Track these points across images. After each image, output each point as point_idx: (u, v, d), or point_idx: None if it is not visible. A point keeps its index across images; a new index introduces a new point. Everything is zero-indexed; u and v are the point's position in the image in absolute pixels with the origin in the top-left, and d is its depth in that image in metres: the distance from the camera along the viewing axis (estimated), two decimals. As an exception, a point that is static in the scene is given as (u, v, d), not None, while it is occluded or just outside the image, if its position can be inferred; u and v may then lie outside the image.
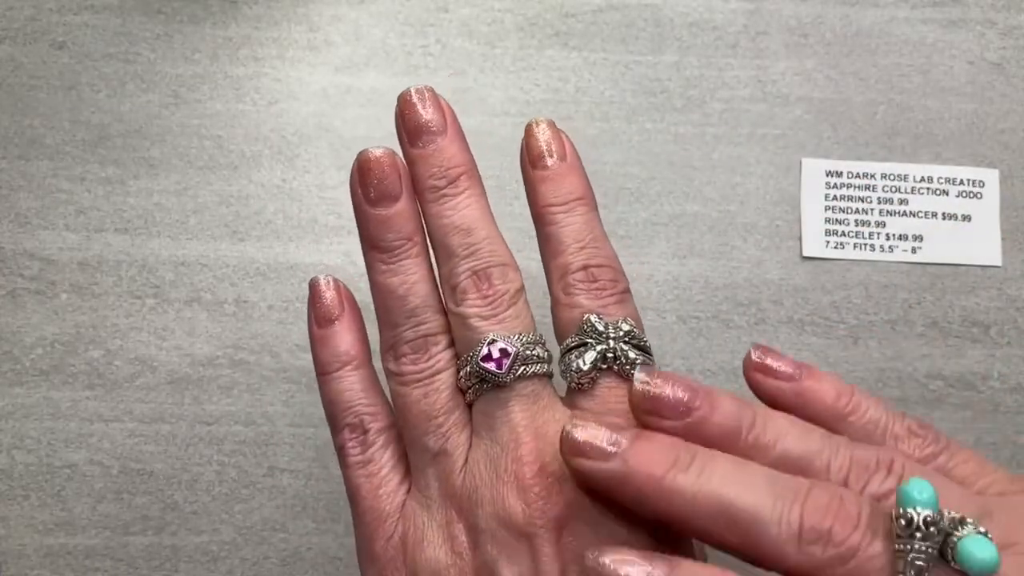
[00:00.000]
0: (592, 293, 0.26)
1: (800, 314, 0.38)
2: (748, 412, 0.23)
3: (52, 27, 0.39)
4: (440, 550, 0.25)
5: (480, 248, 0.26)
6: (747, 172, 0.39)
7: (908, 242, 0.38)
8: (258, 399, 0.37)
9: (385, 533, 0.26)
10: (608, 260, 0.27)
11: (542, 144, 0.28)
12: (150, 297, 0.37)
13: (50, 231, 0.38)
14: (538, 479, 0.24)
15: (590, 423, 0.23)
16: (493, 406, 0.25)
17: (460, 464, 0.25)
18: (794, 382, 0.26)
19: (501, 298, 0.26)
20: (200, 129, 0.39)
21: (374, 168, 0.27)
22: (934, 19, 0.40)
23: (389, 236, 0.27)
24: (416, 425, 0.26)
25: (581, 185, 0.27)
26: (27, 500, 0.36)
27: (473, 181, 0.27)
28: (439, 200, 0.27)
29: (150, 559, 0.35)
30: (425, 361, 0.26)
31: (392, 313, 0.27)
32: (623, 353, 0.25)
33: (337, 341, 0.28)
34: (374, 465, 0.27)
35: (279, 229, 0.38)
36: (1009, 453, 0.37)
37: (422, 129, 0.27)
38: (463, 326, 0.26)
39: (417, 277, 0.27)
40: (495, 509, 0.24)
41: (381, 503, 0.26)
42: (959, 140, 0.39)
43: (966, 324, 0.38)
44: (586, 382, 0.25)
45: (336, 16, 0.40)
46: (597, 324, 0.26)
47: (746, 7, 0.40)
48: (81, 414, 0.36)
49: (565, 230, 0.27)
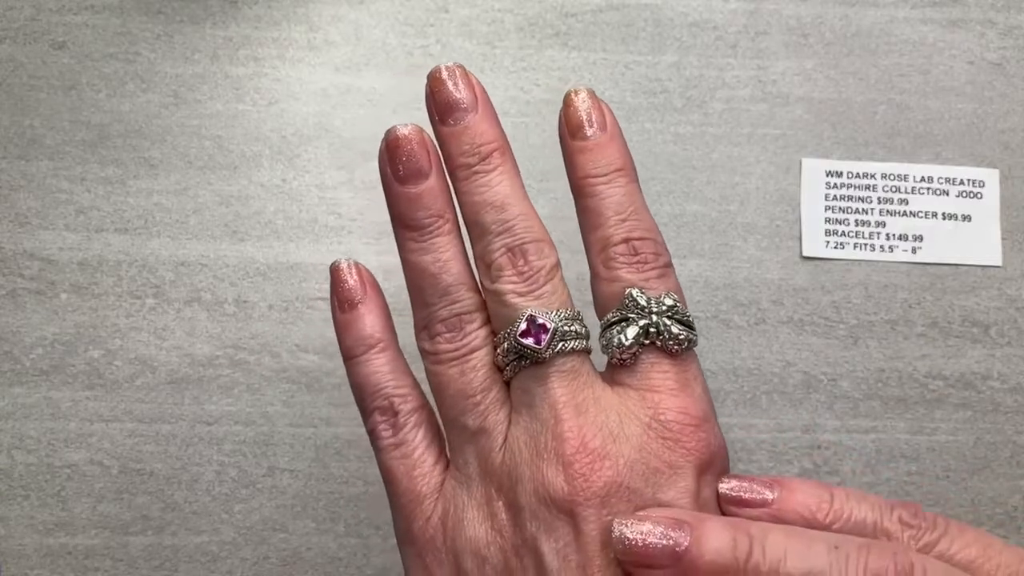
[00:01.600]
0: (634, 267, 0.26)
1: (800, 314, 0.38)
2: (742, 538, 0.22)
3: (52, 27, 0.39)
4: (480, 528, 0.25)
5: (515, 224, 0.26)
6: (747, 172, 0.39)
7: (908, 242, 0.38)
8: (258, 399, 0.37)
9: (423, 514, 0.26)
10: (650, 232, 0.26)
11: (582, 114, 0.27)
12: (150, 297, 0.37)
13: (50, 231, 0.38)
14: (579, 455, 0.24)
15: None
16: (532, 383, 0.25)
17: (499, 442, 0.25)
18: (769, 506, 0.25)
19: (537, 274, 0.26)
20: (200, 129, 0.39)
21: (403, 145, 0.26)
22: (934, 19, 0.40)
23: (420, 214, 0.26)
24: (454, 404, 0.26)
25: (622, 156, 0.27)
26: (27, 500, 0.36)
27: (506, 157, 0.27)
28: (471, 177, 0.26)
29: (150, 559, 0.35)
30: (460, 339, 0.26)
31: (425, 292, 0.26)
32: (666, 328, 0.25)
33: (362, 325, 0.27)
34: (407, 447, 0.26)
35: (279, 229, 0.38)
36: (1009, 453, 0.37)
37: (453, 107, 0.26)
38: (499, 303, 0.26)
39: (450, 255, 0.26)
40: (535, 486, 0.24)
41: (416, 484, 0.26)
42: (959, 140, 0.39)
43: (966, 324, 0.38)
44: (628, 358, 0.25)
45: (336, 16, 0.40)
46: (639, 299, 0.25)
47: (746, 7, 0.40)
48: (81, 414, 0.36)
49: (606, 202, 0.26)
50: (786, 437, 0.37)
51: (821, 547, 0.22)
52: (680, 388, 0.25)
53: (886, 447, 0.37)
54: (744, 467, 0.37)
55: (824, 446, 0.37)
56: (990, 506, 0.37)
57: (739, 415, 0.37)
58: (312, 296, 0.37)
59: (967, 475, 0.37)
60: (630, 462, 0.24)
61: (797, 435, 0.37)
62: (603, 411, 0.25)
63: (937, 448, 0.37)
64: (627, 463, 0.24)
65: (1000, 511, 0.37)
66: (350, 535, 0.36)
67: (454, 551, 0.25)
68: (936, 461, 0.37)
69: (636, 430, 0.24)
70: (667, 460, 0.24)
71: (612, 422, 0.25)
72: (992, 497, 0.37)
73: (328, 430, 0.36)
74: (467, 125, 0.26)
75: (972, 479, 0.37)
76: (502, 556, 0.24)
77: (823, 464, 0.37)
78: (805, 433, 0.37)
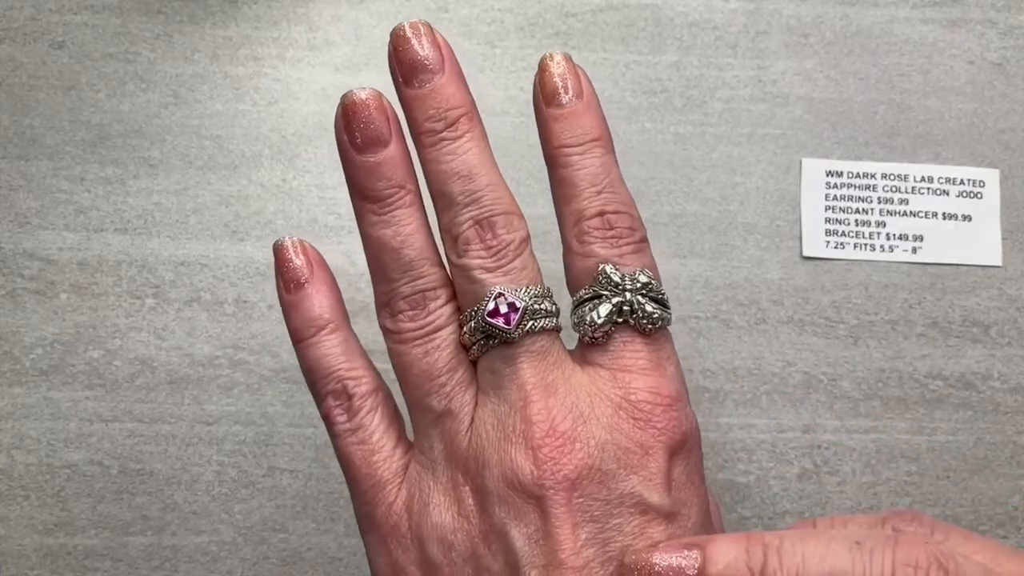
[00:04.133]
0: (608, 241, 0.25)
1: (800, 314, 0.38)
2: (755, 549, 0.22)
3: (52, 27, 0.39)
4: (447, 513, 0.24)
5: (483, 195, 0.25)
6: (747, 172, 0.39)
7: (908, 242, 0.38)
8: (258, 399, 0.37)
9: (385, 499, 0.25)
10: (626, 206, 0.25)
11: (556, 80, 0.26)
12: (150, 297, 0.37)
13: (50, 231, 0.38)
14: (548, 439, 0.23)
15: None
16: (500, 363, 0.24)
17: (466, 424, 0.24)
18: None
19: (506, 248, 0.24)
20: (200, 129, 0.39)
21: (359, 111, 0.25)
22: (934, 19, 0.40)
23: (379, 184, 0.25)
24: (418, 386, 0.25)
25: (598, 125, 0.26)
26: (27, 500, 0.36)
27: (473, 123, 0.25)
28: (437, 144, 0.25)
29: (150, 559, 0.35)
30: (424, 318, 0.25)
31: (386, 267, 0.25)
32: (640, 307, 0.24)
33: (309, 305, 0.26)
34: (364, 432, 0.25)
35: (279, 229, 0.38)
36: (1009, 453, 0.37)
37: (417, 67, 0.25)
38: (466, 279, 0.25)
39: (412, 228, 0.25)
40: (503, 470, 0.23)
41: (377, 470, 0.25)
42: (959, 140, 0.39)
43: (966, 324, 0.38)
44: (600, 336, 0.24)
45: (336, 16, 0.40)
46: (613, 275, 0.24)
47: (746, 7, 0.40)
48: (81, 414, 0.36)
49: (580, 173, 0.25)
50: (786, 437, 0.37)
51: (841, 545, 0.21)
52: (652, 368, 0.24)
53: (886, 447, 0.37)
54: (744, 467, 0.37)
55: (824, 446, 0.37)
56: (990, 506, 0.37)
57: (739, 415, 0.37)
58: (312, 296, 0.37)
59: (967, 475, 0.37)
60: (600, 443, 0.23)
61: (797, 435, 0.37)
62: (573, 392, 0.24)
63: (937, 448, 0.37)
64: (598, 445, 0.23)
65: (1000, 511, 0.37)
66: (350, 535, 0.36)
67: (419, 537, 0.24)
68: (936, 461, 0.37)
69: (606, 411, 0.24)
70: (638, 441, 0.24)
71: (582, 403, 0.24)
72: (992, 497, 0.37)
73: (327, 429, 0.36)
74: (433, 87, 0.25)
75: (972, 479, 0.37)
76: (469, 542, 0.24)
77: (823, 464, 0.37)
78: (805, 433, 0.37)
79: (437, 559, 0.24)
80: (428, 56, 0.25)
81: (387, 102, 0.25)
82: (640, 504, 0.23)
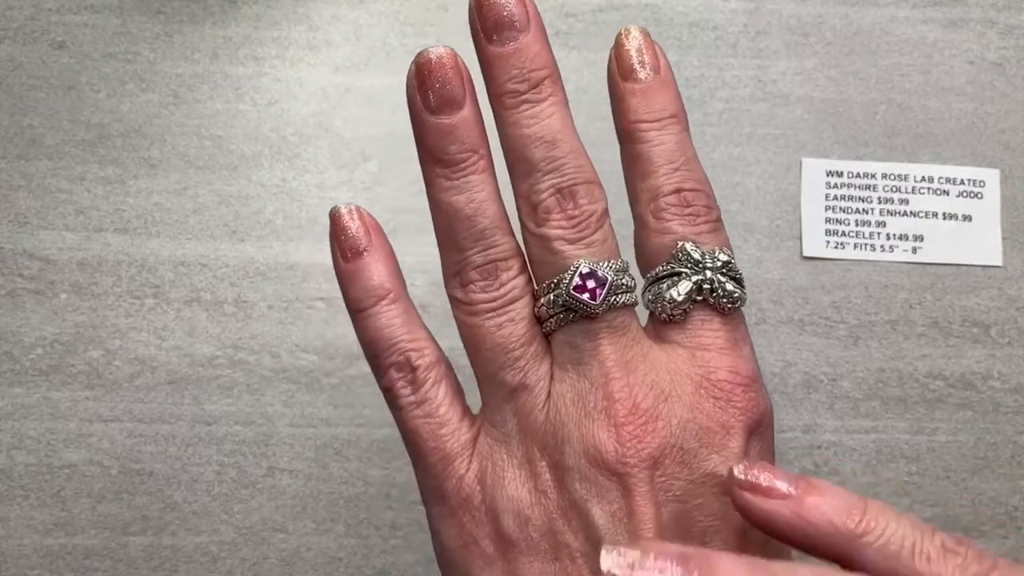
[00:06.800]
0: (685, 219, 0.24)
1: (800, 314, 0.38)
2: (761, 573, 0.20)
3: (52, 27, 0.39)
4: (523, 488, 0.23)
5: (565, 162, 0.24)
6: (747, 172, 0.39)
7: (908, 242, 0.38)
8: (258, 399, 0.37)
9: (456, 472, 0.24)
10: (702, 184, 0.25)
11: (633, 54, 0.25)
12: (150, 297, 0.37)
13: (50, 231, 0.38)
14: (631, 417, 0.23)
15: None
16: (580, 338, 0.24)
17: (542, 399, 0.24)
18: (791, 499, 0.21)
19: (588, 219, 0.24)
20: (200, 129, 0.39)
21: (435, 70, 0.24)
22: (934, 19, 0.40)
23: (453, 148, 0.24)
24: (491, 359, 0.24)
25: (675, 101, 0.25)
26: (27, 500, 0.36)
27: (557, 87, 0.24)
28: (519, 107, 0.24)
29: (150, 559, 0.35)
30: (497, 289, 0.24)
31: (458, 236, 0.24)
32: (720, 285, 0.24)
33: (369, 274, 0.25)
34: (430, 404, 0.25)
35: (279, 229, 0.38)
36: (1009, 453, 0.37)
37: (503, 23, 0.24)
38: (545, 249, 0.24)
39: (485, 195, 0.24)
40: (585, 447, 0.23)
41: (445, 443, 0.24)
42: (959, 140, 0.39)
43: (966, 324, 0.38)
44: (678, 314, 0.24)
45: (336, 16, 0.40)
46: (693, 253, 0.24)
47: (746, 7, 0.40)
48: (81, 414, 0.36)
49: (657, 149, 0.24)
50: (786, 437, 0.37)
51: None
52: (730, 347, 0.24)
53: (886, 447, 0.37)
54: (744, 467, 0.37)
55: (824, 446, 0.37)
56: (990, 506, 0.37)
57: (739, 415, 0.37)
58: (312, 296, 0.37)
59: (967, 475, 0.37)
60: (683, 422, 0.23)
61: (797, 435, 0.37)
62: (653, 369, 0.24)
63: (937, 448, 0.37)
64: (679, 423, 0.23)
65: (1000, 511, 0.37)
66: (350, 535, 0.36)
67: (493, 510, 0.24)
68: (936, 461, 0.37)
69: (688, 389, 0.23)
70: (719, 420, 0.23)
71: (663, 381, 0.23)
72: (992, 497, 0.37)
73: (328, 430, 0.36)
74: (518, 46, 0.24)
75: (972, 479, 0.37)
76: (547, 517, 0.23)
77: (823, 464, 0.37)
78: (805, 433, 0.37)
79: (513, 533, 0.23)
80: (514, 12, 0.24)
81: (462, 62, 0.24)
82: (722, 484, 0.23)
